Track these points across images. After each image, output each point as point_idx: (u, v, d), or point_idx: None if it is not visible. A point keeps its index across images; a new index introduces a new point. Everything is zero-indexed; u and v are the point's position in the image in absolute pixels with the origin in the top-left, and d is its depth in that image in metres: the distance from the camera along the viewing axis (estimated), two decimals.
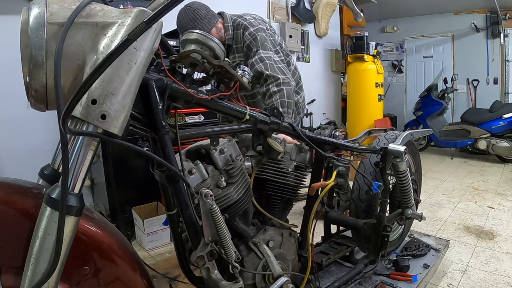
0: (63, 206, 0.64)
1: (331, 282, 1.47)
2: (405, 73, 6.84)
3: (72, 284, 0.76)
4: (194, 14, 1.67)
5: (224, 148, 1.01)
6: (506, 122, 4.68)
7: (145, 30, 0.60)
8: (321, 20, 5.05)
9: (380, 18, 6.85)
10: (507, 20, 5.62)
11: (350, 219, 1.60)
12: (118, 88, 0.67)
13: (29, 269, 0.65)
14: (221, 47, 0.94)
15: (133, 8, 0.71)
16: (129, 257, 0.84)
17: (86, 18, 0.67)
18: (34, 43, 0.64)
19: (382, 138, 1.67)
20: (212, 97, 0.97)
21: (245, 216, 1.11)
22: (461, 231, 2.61)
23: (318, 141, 1.28)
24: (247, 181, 1.08)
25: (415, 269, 1.72)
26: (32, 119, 2.40)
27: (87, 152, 0.69)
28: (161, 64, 0.88)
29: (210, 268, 0.96)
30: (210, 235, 0.94)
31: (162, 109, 0.86)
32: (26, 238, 0.67)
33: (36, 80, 0.66)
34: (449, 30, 6.23)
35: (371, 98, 5.01)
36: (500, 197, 3.38)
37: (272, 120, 1.13)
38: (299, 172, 1.26)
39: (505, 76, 5.87)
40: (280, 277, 1.05)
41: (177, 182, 0.89)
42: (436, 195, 3.50)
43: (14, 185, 0.75)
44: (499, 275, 1.97)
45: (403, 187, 1.57)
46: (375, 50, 5.02)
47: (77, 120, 0.65)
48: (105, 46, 0.66)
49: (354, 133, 4.63)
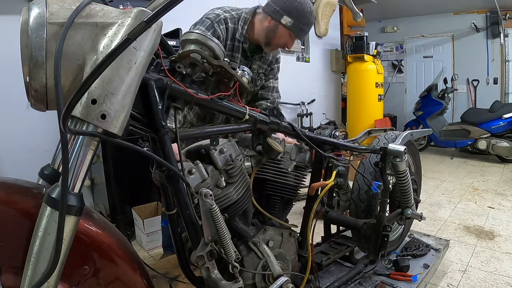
0: (63, 206, 0.64)
1: (331, 282, 1.47)
2: (405, 73, 6.84)
3: (72, 284, 0.76)
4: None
5: (224, 148, 1.01)
6: (506, 122, 4.69)
7: (145, 30, 0.60)
8: (321, 20, 5.05)
9: (380, 18, 6.85)
10: (507, 20, 5.62)
11: (350, 219, 1.60)
12: (118, 88, 0.67)
13: (29, 269, 0.65)
14: (220, 47, 0.94)
15: (133, 8, 0.71)
16: (129, 257, 0.84)
17: (86, 18, 0.67)
18: (34, 43, 0.64)
19: (382, 138, 1.67)
20: (212, 97, 0.97)
21: (245, 216, 1.11)
22: (461, 231, 2.61)
23: (318, 141, 1.28)
24: (247, 181, 1.09)
25: (415, 269, 1.72)
26: (32, 119, 2.40)
27: (87, 152, 0.69)
28: (161, 64, 0.88)
29: (210, 268, 0.96)
30: (210, 235, 0.94)
31: (162, 109, 0.86)
32: (26, 238, 0.67)
33: (36, 80, 0.66)
34: (449, 30, 6.24)
35: (371, 98, 5.01)
36: (500, 197, 3.38)
37: (272, 120, 1.13)
38: (299, 172, 1.27)
39: (505, 76, 5.88)
40: (280, 277, 1.05)
41: (177, 182, 0.90)
42: (436, 195, 3.50)
43: (14, 185, 0.75)
44: (499, 275, 1.97)
45: (403, 187, 1.57)
46: (375, 50, 5.02)
47: (77, 120, 0.65)
48: (105, 46, 0.66)
49: (354, 133, 4.63)
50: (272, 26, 1.51)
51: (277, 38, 1.53)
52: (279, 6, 1.48)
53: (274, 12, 1.48)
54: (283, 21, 1.48)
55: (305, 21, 1.50)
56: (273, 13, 1.49)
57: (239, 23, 1.55)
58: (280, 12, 1.47)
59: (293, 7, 1.46)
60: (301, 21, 1.48)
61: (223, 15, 1.53)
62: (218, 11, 1.55)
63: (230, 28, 1.54)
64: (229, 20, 1.54)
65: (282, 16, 1.47)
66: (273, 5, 1.49)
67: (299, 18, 1.48)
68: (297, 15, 1.47)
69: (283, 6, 1.47)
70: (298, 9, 1.47)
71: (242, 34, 1.55)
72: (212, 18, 1.51)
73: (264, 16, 1.53)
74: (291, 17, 1.47)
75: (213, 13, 1.54)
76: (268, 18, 1.51)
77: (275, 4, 1.49)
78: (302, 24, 1.49)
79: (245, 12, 1.58)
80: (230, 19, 1.55)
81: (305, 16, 1.49)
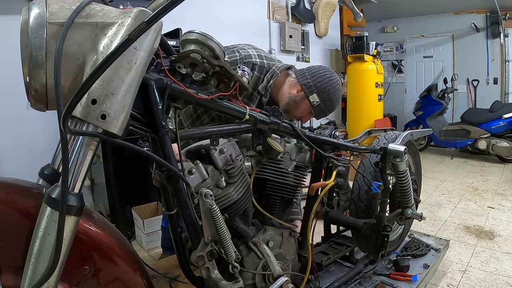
0: (63, 206, 0.64)
1: (331, 282, 1.47)
2: (405, 73, 6.84)
3: (72, 284, 0.76)
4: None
5: (224, 148, 1.01)
6: (506, 122, 4.68)
7: (145, 30, 0.60)
8: (321, 20, 5.05)
9: (380, 18, 6.85)
10: (507, 20, 5.62)
11: (350, 219, 1.60)
12: (118, 88, 0.67)
13: (29, 269, 0.65)
14: (220, 47, 0.94)
15: (133, 8, 0.71)
16: (129, 257, 0.84)
17: (86, 18, 0.67)
18: (34, 43, 0.64)
19: (382, 138, 1.67)
20: (212, 97, 0.97)
21: (245, 216, 1.11)
22: (461, 231, 2.61)
23: (318, 141, 1.28)
24: (247, 181, 1.09)
25: (415, 269, 1.72)
26: (32, 119, 2.40)
27: (87, 152, 0.69)
28: (161, 64, 0.88)
29: (210, 268, 0.96)
30: (210, 235, 0.94)
31: (162, 109, 0.86)
32: (26, 238, 0.67)
33: (36, 80, 0.66)
34: (449, 30, 6.23)
35: (371, 98, 5.01)
36: (500, 197, 3.38)
37: (272, 120, 1.13)
38: (299, 172, 1.27)
39: (505, 76, 5.87)
40: (280, 277, 1.05)
41: (177, 182, 0.90)
42: (436, 195, 3.50)
43: (14, 185, 0.75)
44: (499, 275, 1.97)
45: (403, 187, 1.57)
46: (375, 50, 5.01)
47: (77, 120, 0.65)
48: (105, 46, 0.66)
49: (354, 133, 4.62)
50: (299, 97, 1.46)
51: (298, 110, 1.48)
52: (313, 82, 1.44)
53: (307, 86, 1.45)
54: (311, 98, 1.44)
55: (330, 106, 1.47)
56: (305, 85, 1.45)
57: (266, 75, 1.48)
58: (312, 88, 1.44)
59: (325, 89, 1.44)
60: (327, 105, 1.46)
61: (254, 60, 1.45)
62: (252, 51, 1.48)
63: (255, 76, 1.46)
64: (257, 67, 1.46)
65: (313, 93, 1.44)
66: (308, 78, 1.46)
67: (326, 102, 1.46)
68: (326, 99, 1.45)
69: (316, 84, 1.44)
70: (330, 94, 1.45)
71: (264, 87, 1.48)
72: (243, 57, 1.43)
73: (295, 83, 1.48)
74: (320, 98, 1.44)
75: (246, 51, 1.46)
76: (298, 88, 1.46)
77: (310, 77, 1.46)
78: (326, 108, 1.47)
79: (276, 66, 1.50)
80: (258, 67, 1.46)
81: (332, 102, 1.47)
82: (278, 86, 1.50)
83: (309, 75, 1.47)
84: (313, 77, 1.46)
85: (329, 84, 1.45)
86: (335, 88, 1.46)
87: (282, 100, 1.50)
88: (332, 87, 1.45)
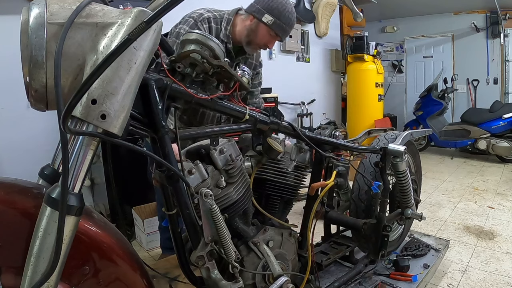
0: (63, 206, 0.64)
1: (331, 282, 1.47)
2: (405, 73, 6.84)
3: (72, 284, 0.76)
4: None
5: (224, 148, 1.01)
6: (506, 122, 4.68)
7: (145, 30, 0.60)
8: (321, 20, 5.05)
9: (380, 18, 6.85)
10: (507, 20, 5.62)
11: (350, 219, 1.60)
12: (118, 88, 0.67)
13: (29, 269, 0.65)
14: (220, 47, 0.94)
15: (133, 8, 0.71)
16: (129, 257, 0.84)
17: (86, 18, 0.67)
18: (34, 43, 0.64)
19: (382, 138, 1.67)
20: (212, 97, 0.97)
21: (245, 216, 1.11)
22: (461, 231, 2.61)
23: (318, 141, 1.28)
24: (247, 181, 1.09)
25: (415, 269, 1.72)
26: (32, 119, 2.40)
27: (87, 152, 0.69)
28: (161, 64, 0.88)
29: (210, 268, 0.96)
30: (210, 235, 0.94)
31: (162, 109, 0.86)
32: (26, 238, 0.67)
33: (36, 80, 0.66)
34: (449, 30, 6.23)
35: (371, 98, 5.01)
36: (500, 197, 3.38)
37: (272, 120, 1.13)
38: (299, 172, 1.27)
39: (505, 76, 5.87)
40: (280, 277, 1.05)
41: (177, 182, 0.90)
42: (436, 195, 3.50)
43: (14, 185, 0.75)
44: (499, 275, 1.97)
45: (403, 187, 1.57)
46: (375, 50, 5.02)
47: (77, 120, 0.65)
48: (105, 46, 0.66)
49: (354, 133, 4.63)
50: (253, 25, 1.54)
51: (258, 37, 1.55)
52: (261, 5, 1.52)
53: (256, 11, 1.52)
54: (264, 19, 1.51)
55: (286, 20, 1.52)
56: (255, 12, 1.52)
57: (222, 23, 1.57)
58: (261, 11, 1.51)
59: (274, 6, 1.50)
60: (282, 20, 1.52)
61: (206, 15, 1.55)
62: (201, 10, 1.57)
63: (213, 28, 1.56)
64: (212, 20, 1.56)
65: (264, 14, 1.51)
66: (255, 5, 1.54)
67: (280, 17, 1.51)
68: (278, 14, 1.51)
69: (264, 5, 1.51)
70: (280, 9, 1.51)
71: (225, 34, 1.57)
72: (196, 17, 1.53)
73: (246, 15, 1.57)
74: (272, 15, 1.50)
75: (196, 12, 1.56)
76: (250, 17, 1.55)
77: (256, 4, 1.53)
78: (283, 23, 1.52)
79: (227, 13, 1.60)
80: (213, 19, 1.56)
81: (286, 16, 1.52)
82: (235, 28, 1.59)
83: (255, 2, 1.55)
84: (259, 2, 1.53)
85: (275, 1, 1.51)
86: (283, 3, 1.52)
87: (241, 36, 1.58)
88: (280, 3, 1.51)
